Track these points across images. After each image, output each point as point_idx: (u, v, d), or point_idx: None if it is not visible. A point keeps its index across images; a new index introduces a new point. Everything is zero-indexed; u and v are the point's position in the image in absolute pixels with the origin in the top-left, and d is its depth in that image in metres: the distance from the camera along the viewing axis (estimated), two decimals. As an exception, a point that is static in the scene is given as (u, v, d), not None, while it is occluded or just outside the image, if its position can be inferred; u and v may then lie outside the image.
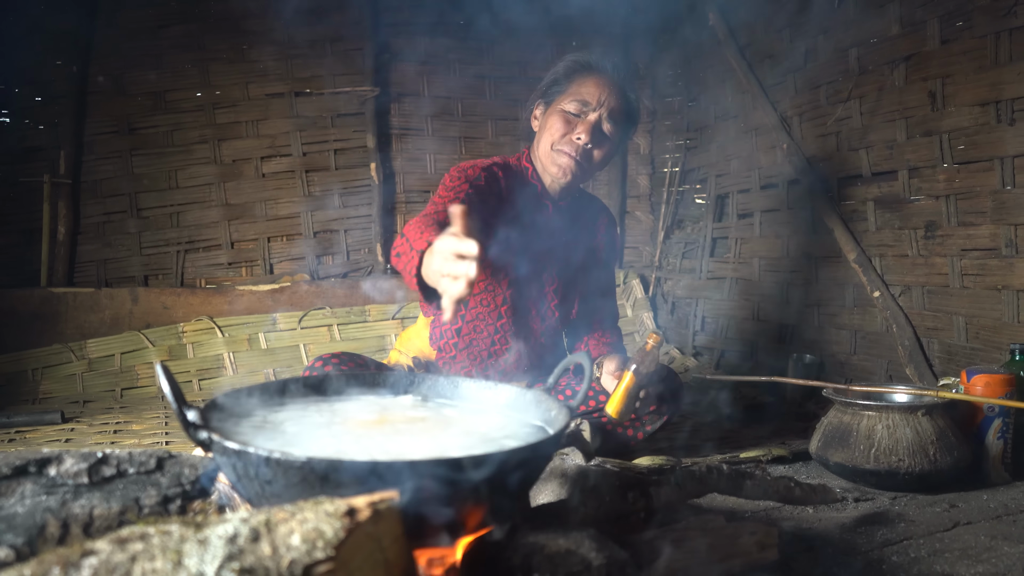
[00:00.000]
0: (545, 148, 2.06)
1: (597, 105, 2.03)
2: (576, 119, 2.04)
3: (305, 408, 1.27)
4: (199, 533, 0.73)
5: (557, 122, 2.04)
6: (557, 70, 2.13)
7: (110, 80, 3.71)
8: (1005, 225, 2.24)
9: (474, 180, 2.00)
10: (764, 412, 2.82)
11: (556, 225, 2.17)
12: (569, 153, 2.03)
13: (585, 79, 2.06)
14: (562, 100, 2.06)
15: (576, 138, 2.02)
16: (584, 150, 2.02)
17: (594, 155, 2.06)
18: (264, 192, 3.90)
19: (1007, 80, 2.21)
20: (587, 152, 2.03)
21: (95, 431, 2.66)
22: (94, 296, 3.53)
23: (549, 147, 2.05)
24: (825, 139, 3.00)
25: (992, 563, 1.41)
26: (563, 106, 2.05)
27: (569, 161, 2.03)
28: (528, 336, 2.20)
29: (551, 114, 2.07)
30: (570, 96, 2.05)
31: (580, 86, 2.06)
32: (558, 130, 2.03)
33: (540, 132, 2.10)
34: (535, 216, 2.12)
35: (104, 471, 0.95)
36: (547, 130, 2.06)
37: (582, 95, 2.04)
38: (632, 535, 1.17)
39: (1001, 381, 1.97)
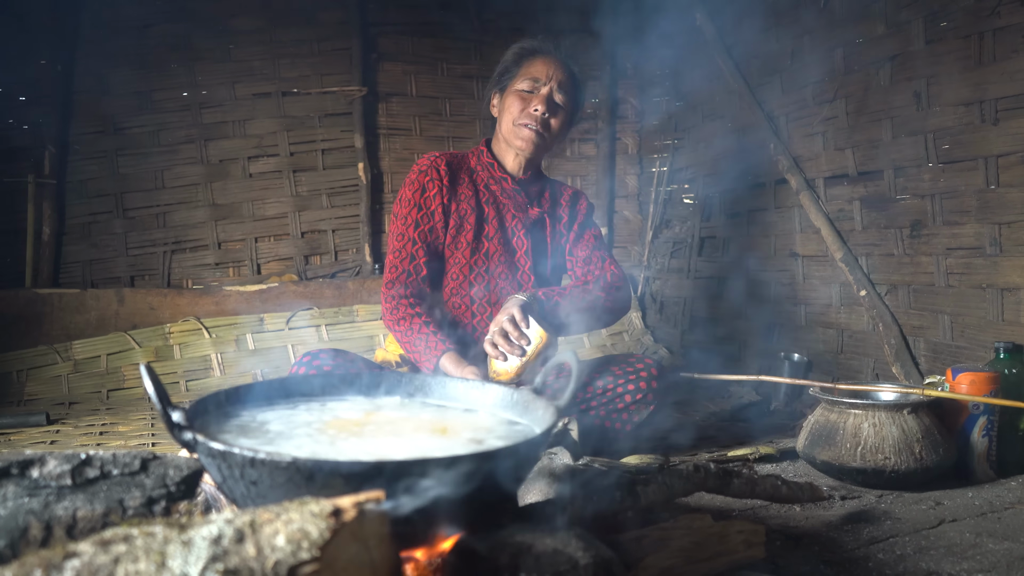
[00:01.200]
0: (507, 126, 2.22)
1: (547, 80, 2.20)
2: (530, 95, 2.20)
3: (292, 408, 1.27)
4: (183, 534, 0.73)
5: (515, 101, 2.20)
6: (506, 59, 2.29)
7: (95, 79, 3.68)
8: (989, 224, 2.26)
9: (423, 179, 2.21)
10: (752, 411, 2.84)
11: (516, 195, 2.30)
12: (529, 124, 2.19)
13: (533, 60, 2.24)
14: (515, 83, 2.23)
15: (533, 110, 2.18)
16: (542, 119, 2.19)
17: (551, 124, 2.22)
18: (251, 192, 3.88)
19: (991, 80, 2.23)
20: (545, 121, 2.20)
21: (81, 433, 2.64)
22: (80, 297, 3.50)
23: (511, 123, 2.22)
24: (811, 139, 3.02)
25: (977, 560, 1.42)
26: (517, 87, 2.22)
27: (530, 132, 2.20)
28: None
29: (507, 96, 2.24)
30: (521, 78, 2.22)
31: (529, 67, 2.23)
32: (517, 107, 2.20)
33: (500, 115, 2.26)
34: (493, 189, 2.28)
35: (88, 473, 0.95)
36: (506, 110, 2.23)
37: (532, 74, 2.21)
38: (620, 534, 1.17)
39: (986, 379, 1.98)
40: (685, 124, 4.01)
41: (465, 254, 2.22)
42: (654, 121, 4.24)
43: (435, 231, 2.21)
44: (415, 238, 2.20)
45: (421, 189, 2.22)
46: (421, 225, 2.20)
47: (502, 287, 2.25)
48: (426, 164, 2.24)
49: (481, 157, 2.31)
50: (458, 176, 2.26)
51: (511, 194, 2.29)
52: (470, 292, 2.23)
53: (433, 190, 2.21)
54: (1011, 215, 2.19)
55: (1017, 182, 2.17)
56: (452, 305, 2.23)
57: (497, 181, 2.28)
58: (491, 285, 2.24)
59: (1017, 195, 2.16)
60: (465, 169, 2.29)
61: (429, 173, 2.22)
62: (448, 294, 2.23)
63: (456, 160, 2.30)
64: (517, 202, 2.30)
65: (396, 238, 2.23)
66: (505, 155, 2.29)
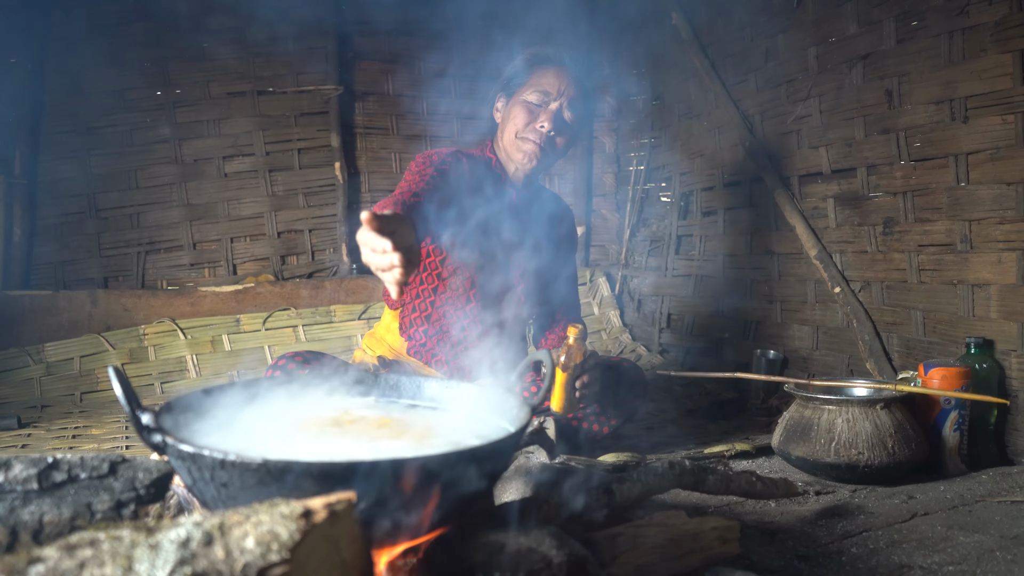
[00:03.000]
0: (510, 136, 2.15)
1: (557, 95, 2.13)
2: (538, 108, 2.13)
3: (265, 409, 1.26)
4: (151, 538, 0.72)
5: (521, 112, 2.13)
6: (516, 63, 2.20)
7: (67, 79, 3.63)
8: (960, 221, 2.29)
9: (439, 164, 2.06)
10: (728, 408, 2.85)
11: (520, 211, 2.25)
12: (533, 140, 2.13)
13: (545, 70, 2.15)
14: (524, 91, 2.15)
15: (539, 126, 2.12)
16: (547, 137, 2.13)
17: (556, 142, 2.16)
18: (226, 192, 3.85)
19: (960, 78, 2.26)
20: (550, 139, 2.14)
21: (53, 436, 2.60)
22: (52, 299, 3.46)
23: (513, 135, 2.14)
24: (786, 137, 3.04)
25: (948, 552, 1.44)
26: (525, 97, 2.14)
27: (533, 147, 2.13)
28: (497, 321, 2.23)
29: (514, 105, 2.15)
30: (531, 87, 2.14)
31: (540, 77, 2.15)
32: (522, 119, 2.13)
33: (504, 122, 2.18)
34: (499, 201, 2.19)
35: (55, 477, 0.93)
36: (511, 120, 2.15)
37: (543, 86, 2.13)
38: (595, 532, 1.18)
39: (957, 374, 2.01)
40: (662, 123, 4.02)
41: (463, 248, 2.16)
42: (631, 120, 4.26)
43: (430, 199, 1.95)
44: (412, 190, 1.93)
45: (428, 163, 2.06)
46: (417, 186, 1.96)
47: (496, 284, 2.24)
48: (433, 152, 2.16)
49: (490, 164, 2.24)
50: (464, 170, 2.17)
51: (511, 197, 2.24)
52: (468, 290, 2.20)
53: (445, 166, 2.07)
54: (981, 212, 2.21)
55: (986, 179, 2.20)
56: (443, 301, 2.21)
57: (497, 183, 2.23)
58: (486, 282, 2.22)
59: (986, 192, 2.19)
60: (471, 166, 2.20)
61: (440, 155, 2.11)
62: (443, 288, 2.21)
63: (465, 157, 2.21)
64: (517, 205, 2.25)
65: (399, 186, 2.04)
66: (506, 162, 2.23)
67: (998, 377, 2.14)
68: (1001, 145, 2.15)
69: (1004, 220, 2.15)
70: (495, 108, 2.25)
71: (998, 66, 2.14)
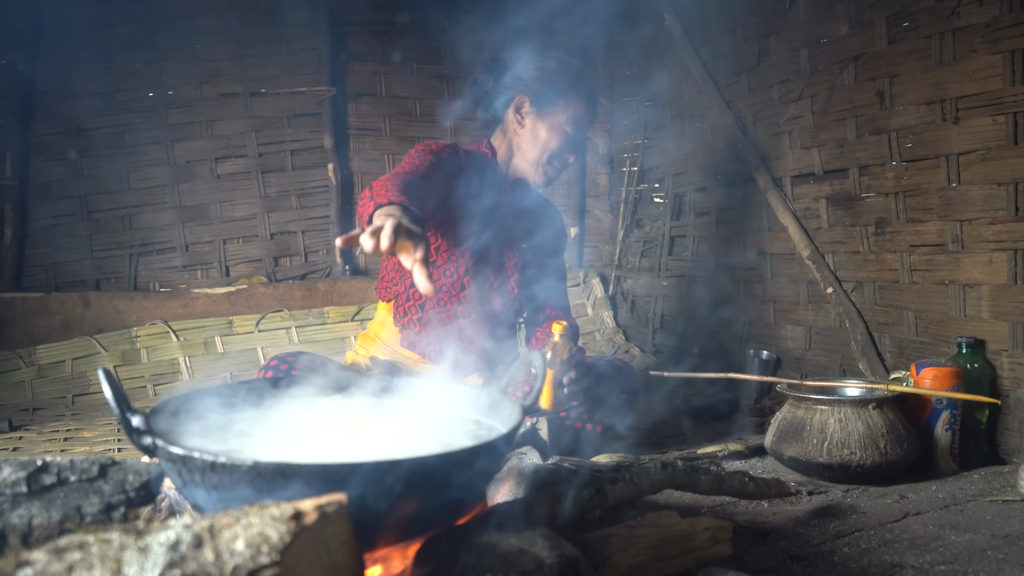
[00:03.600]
0: (534, 156, 2.20)
1: (585, 127, 2.24)
2: (567, 135, 2.19)
3: (256, 411, 1.25)
4: (140, 540, 0.72)
5: (555, 138, 2.18)
6: (562, 82, 2.20)
7: (58, 80, 3.62)
8: (951, 221, 2.29)
9: (438, 152, 2.09)
10: (722, 408, 2.86)
11: (514, 204, 2.28)
12: (559, 169, 2.25)
13: (582, 100, 2.20)
14: (559, 115, 2.19)
15: (570, 159, 2.24)
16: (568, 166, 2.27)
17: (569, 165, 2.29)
18: (219, 193, 3.84)
19: (951, 79, 2.26)
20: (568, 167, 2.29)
21: (44, 439, 2.59)
22: (43, 301, 3.44)
23: (540, 157, 2.20)
24: (778, 138, 3.05)
25: (940, 552, 1.44)
26: (559, 120, 2.18)
27: (556, 174, 2.26)
28: (491, 312, 2.25)
29: (548, 127, 2.19)
30: (567, 113, 2.19)
31: (577, 105, 2.20)
32: (554, 144, 2.19)
33: (528, 136, 2.21)
34: (494, 193, 2.21)
35: (44, 480, 0.93)
36: (542, 141, 2.19)
37: (577, 114, 2.20)
38: (587, 533, 1.18)
39: (949, 374, 2.02)
40: (655, 123, 4.03)
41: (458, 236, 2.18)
42: (624, 121, 4.26)
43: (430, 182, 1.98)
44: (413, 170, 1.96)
45: (428, 151, 2.09)
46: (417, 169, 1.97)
47: (489, 275, 2.25)
48: (431, 141, 2.18)
49: (485, 157, 2.28)
50: (460, 161, 2.20)
51: (509, 196, 2.28)
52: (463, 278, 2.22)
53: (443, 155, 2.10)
54: (972, 212, 2.22)
55: (977, 180, 2.20)
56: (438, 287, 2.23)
57: (497, 182, 2.27)
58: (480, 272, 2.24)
59: (977, 192, 2.20)
60: (467, 159, 2.23)
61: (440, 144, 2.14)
62: (439, 276, 2.21)
63: (467, 152, 2.24)
64: (513, 205, 2.29)
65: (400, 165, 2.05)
66: (508, 159, 2.27)
67: (989, 377, 2.14)
68: (992, 146, 2.16)
69: (995, 220, 2.16)
70: (514, 107, 2.22)
71: (988, 67, 2.15)
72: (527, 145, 2.21)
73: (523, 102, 2.21)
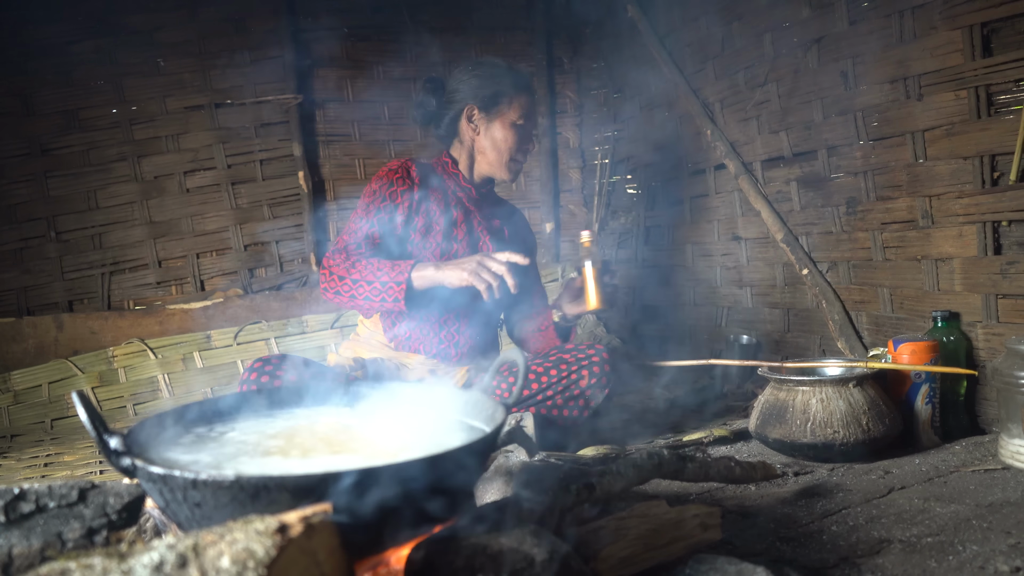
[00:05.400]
0: (496, 156, 2.31)
1: (533, 115, 2.37)
2: (522, 129, 2.32)
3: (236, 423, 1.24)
4: (123, 564, 0.70)
5: (511, 135, 2.30)
6: (501, 83, 2.32)
7: (18, 100, 3.57)
8: (920, 197, 2.32)
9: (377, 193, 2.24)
10: (705, 395, 2.87)
11: (482, 206, 2.41)
12: (522, 161, 2.35)
13: (522, 91, 2.33)
14: (509, 113, 2.31)
15: (532, 148, 2.37)
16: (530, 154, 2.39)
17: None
18: (189, 207, 3.80)
19: (913, 57, 2.29)
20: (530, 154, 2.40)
21: (24, 466, 2.55)
22: (15, 325, 3.39)
23: (506, 156, 2.31)
24: (747, 123, 3.06)
25: (926, 524, 1.45)
26: (512, 118, 2.30)
27: (520, 166, 2.36)
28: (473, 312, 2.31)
29: (499, 124, 2.31)
30: (515, 109, 2.31)
31: (520, 97, 2.32)
32: (512, 141, 2.30)
33: (483, 137, 2.32)
34: (460, 196, 2.35)
35: (22, 508, 0.91)
36: (500, 140, 2.30)
37: (525, 107, 2.32)
38: (577, 527, 1.18)
39: (926, 348, 2.04)
40: (624, 115, 4.04)
41: (435, 253, 2.26)
42: (593, 114, 4.27)
43: (392, 223, 2.23)
44: (371, 222, 2.23)
45: (388, 183, 2.26)
46: (380, 213, 2.24)
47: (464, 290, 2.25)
48: (396, 165, 2.30)
49: (447, 167, 2.36)
50: (428, 179, 2.31)
51: (477, 202, 2.39)
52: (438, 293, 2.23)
53: (401, 187, 2.25)
54: (940, 187, 2.25)
55: (944, 155, 2.23)
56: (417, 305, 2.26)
57: (463, 190, 2.36)
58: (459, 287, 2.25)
59: (944, 167, 2.22)
60: (433, 175, 2.34)
61: (399, 172, 2.28)
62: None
63: (423, 167, 2.35)
64: (483, 211, 2.40)
65: (351, 221, 2.26)
66: (471, 167, 2.37)
67: (965, 348, 2.17)
68: (956, 120, 2.18)
69: (963, 194, 2.18)
70: (466, 117, 2.32)
71: (948, 43, 2.18)
72: (488, 148, 2.32)
73: (472, 111, 2.32)
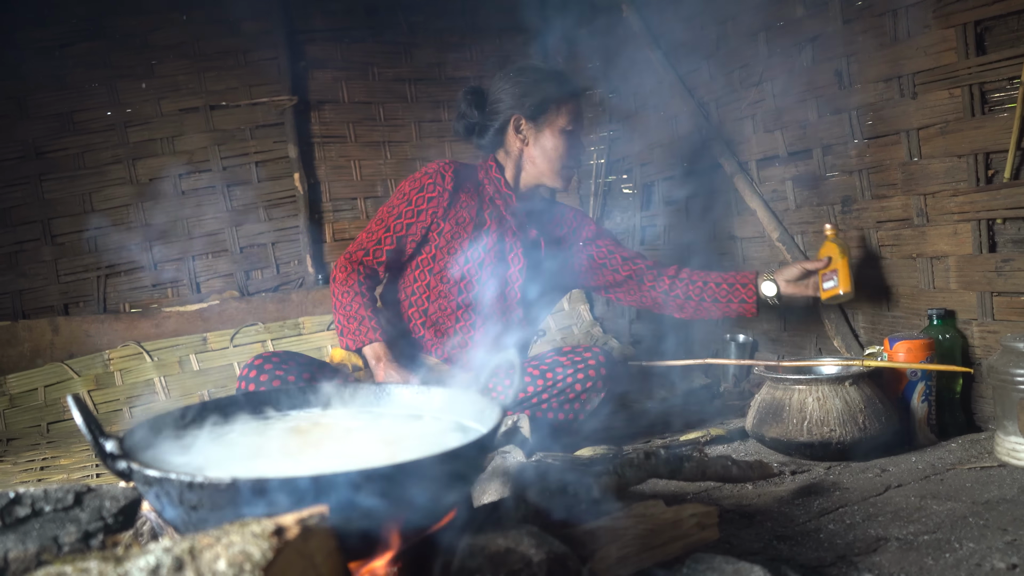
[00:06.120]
0: (548, 166, 2.30)
1: (584, 116, 2.37)
2: (572, 135, 2.31)
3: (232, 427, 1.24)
4: (119, 567, 0.70)
5: (562, 142, 2.29)
6: (547, 88, 2.29)
7: (12, 103, 3.56)
8: (915, 195, 2.32)
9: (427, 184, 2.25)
10: (702, 394, 2.88)
11: (522, 216, 2.38)
12: (574, 167, 2.36)
13: (569, 96, 2.31)
14: (558, 120, 2.29)
15: (582, 153, 2.37)
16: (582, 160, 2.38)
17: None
18: (185, 210, 3.79)
19: (906, 55, 2.29)
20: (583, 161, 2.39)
21: (20, 470, 2.55)
22: (11, 329, 3.38)
23: (558, 164, 2.30)
24: (742, 122, 3.07)
25: (923, 522, 1.46)
26: (561, 125, 2.28)
27: (573, 172, 2.37)
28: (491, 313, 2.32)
29: (553, 134, 2.30)
30: (564, 115, 2.29)
31: (568, 102, 2.30)
32: (564, 148, 2.29)
33: (536, 150, 2.31)
34: (498, 204, 2.34)
35: (18, 512, 0.91)
36: (552, 149, 2.29)
37: (574, 112, 2.31)
38: (574, 528, 1.18)
39: (921, 346, 2.04)
40: (619, 115, 4.04)
41: (459, 261, 2.26)
42: (588, 113, 4.26)
43: (415, 230, 2.25)
44: (391, 227, 2.26)
45: (420, 188, 2.26)
46: (403, 219, 2.26)
47: (487, 298, 2.28)
48: (434, 168, 2.29)
49: (490, 172, 2.35)
50: (464, 185, 2.30)
51: (515, 212, 2.36)
52: (457, 298, 2.28)
53: (432, 193, 2.25)
54: (934, 185, 2.25)
55: (938, 153, 2.23)
56: (438, 308, 2.29)
57: (503, 197, 2.34)
58: (478, 294, 2.29)
59: (939, 165, 2.23)
60: (472, 180, 2.32)
61: (434, 177, 2.27)
62: (435, 295, 2.29)
63: (465, 170, 2.34)
64: (520, 220, 2.37)
65: (376, 220, 2.29)
66: (517, 175, 2.35)
67: (961, 346, 2.18)
68: (950, 119, 2.19)
69: (957, 192, 2.19)
70: (513, 128, 2.31)
71: (942, 41, 2.18)
72: (538, 158, 2.31)
73: (519, 122, 2.30)
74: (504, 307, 2.32)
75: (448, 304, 2.28)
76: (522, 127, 2.30)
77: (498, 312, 2.31)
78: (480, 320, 2.30)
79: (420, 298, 2.32)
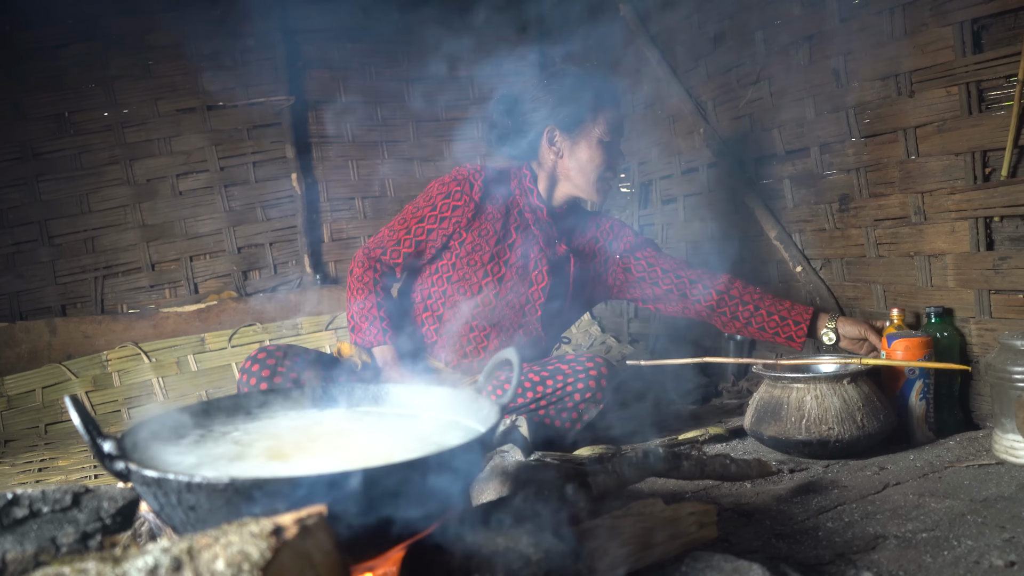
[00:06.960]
0: (589, 177, 2.24)
1: (621, 124, 2.30)
2: (610, 146, 2.25)
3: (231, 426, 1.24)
4: (117, 568, 0.70)
5: (599, 153, 2.22)
6: (583, 97, 2.23)
7: (8, 105, 3.55)
8: (912, 193, 2.32)
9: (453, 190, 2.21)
10: (700, 393, 2.88)
11: (549, 228, 2.31)
12: (612, 179, 2.30)
13: (607, 104, 2.25)
14: (595, 131, 2.22)
15: (619, 164, 2.31)
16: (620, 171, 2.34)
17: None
18: (182, 210, 3.79)
19: (903, 54, 2.29)
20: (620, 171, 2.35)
21: (18, 471, 2.54)
22: (8, 330, 3.38)
23: (593, 177, 2.24)
24: (739, 121, 3.07)
25: (921, 520, 1.46)
26: (599, 135, 2.22)
27: (610, 184, 2.30)
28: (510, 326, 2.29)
29: (590, 146, 2.23)
30: (601, 126, 2.23)
31: (605, 111, 2.24)
32: (601, 159, 2.23)
33: (571, 162, 2.24)
34: (527, 217, 2.28)
35: (15, 513, 0.91)
36: (588, 162, 2.22)
37: (612, 122, 2.24)
38: (573, 527, 1.18)
39: (919, 344, 2.04)
40: (616, 114, 4.04)
41: (478, 274, 2.22)
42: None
43: (436, 236, 2.22)
44: (412, 228, 2.23)
45: (447, 194, 2.21)
46: (425, 223, 2.22)
47: (506, 314, 2.25)
48: (464, 175, 2.23)
49: (523, 181, 2.28)
50: (492, 195, 2.23)
51: (544, 226, 2.29)
52: (473, 310, 2.24)
53: (458, 201, 2.20)
54: (932, 183, 2.25)
55: (935, 151, 2.24)
56: (452, 316, 2.26)
57: (533, 210, 2.28)
58: (496, 309, 2.26)
59: (936, 164, 2.23)
60: (503, 189, 2.25)
61: (463, 185, 2.21)
62: (451, 304, 2.26)
63: (497, 177, 2.26)
64: (548, 235, 2.30)
65: (399, 219, 2.26)
66: (551, 188, 2.30)
67: (959, 344, 2.18)
68: (947, 117, 2.19)
69: (955, 190, 2.19)
70: (548, 139, 2.24)
71: (939, 39, 2.18)
72: (573, 171, 2.24)
73: (553, 133, 2.24)
74: (523, 323, 2.30)
75: (463, 314, 2.26)
76: (556, 139, 2.23)
77: (515, 328, 2.29)
78: (495, 333, 2.28)
79: (436, 303, 2.28)
